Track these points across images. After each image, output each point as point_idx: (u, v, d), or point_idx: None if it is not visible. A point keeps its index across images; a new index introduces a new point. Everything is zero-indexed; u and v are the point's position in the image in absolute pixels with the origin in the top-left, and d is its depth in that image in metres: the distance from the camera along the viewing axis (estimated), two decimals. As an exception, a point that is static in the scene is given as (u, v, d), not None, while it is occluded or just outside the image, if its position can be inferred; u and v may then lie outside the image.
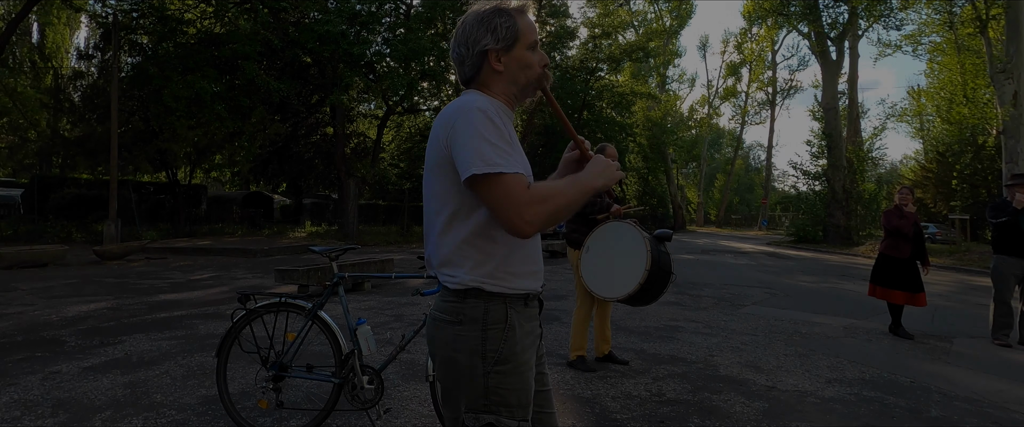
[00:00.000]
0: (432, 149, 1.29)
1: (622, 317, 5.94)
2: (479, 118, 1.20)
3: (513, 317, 1.29)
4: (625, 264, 3.56)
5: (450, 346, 1.28)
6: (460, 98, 1.30)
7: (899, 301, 5.44)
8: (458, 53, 1.34)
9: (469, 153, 1.17)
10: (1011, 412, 3.36)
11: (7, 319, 5.42)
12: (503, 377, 1.26)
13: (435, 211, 1.31)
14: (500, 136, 1.21)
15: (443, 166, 1.26)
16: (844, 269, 12.91)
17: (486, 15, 1.31)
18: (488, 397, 1.25)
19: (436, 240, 1.31)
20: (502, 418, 1.25)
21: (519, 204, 1.16)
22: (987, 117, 18.39)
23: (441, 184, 1.28)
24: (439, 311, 1.32)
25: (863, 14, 21.73)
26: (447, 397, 1.33)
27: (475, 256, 1.26)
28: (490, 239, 1.27)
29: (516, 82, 1.34)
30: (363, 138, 26.49)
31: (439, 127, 1.27)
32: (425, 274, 2.79)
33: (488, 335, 1.26)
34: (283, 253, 14.09)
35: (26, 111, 18.82)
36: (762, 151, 62.78)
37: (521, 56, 1.32)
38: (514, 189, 1.17)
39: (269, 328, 2.78)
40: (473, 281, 1.26)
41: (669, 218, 41.34)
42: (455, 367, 1.28)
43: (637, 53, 26.22)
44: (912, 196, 5.71)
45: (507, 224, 1.18)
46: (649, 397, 3.44)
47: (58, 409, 3.06)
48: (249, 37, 15.45)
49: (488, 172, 1.16)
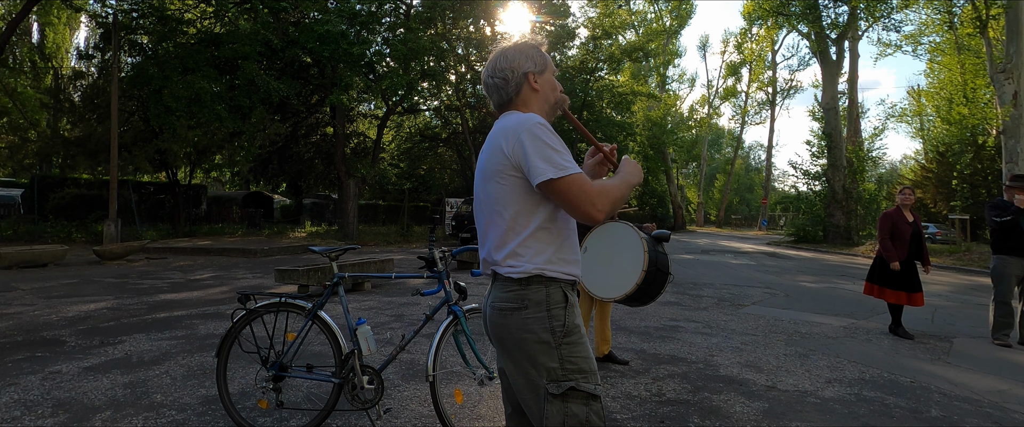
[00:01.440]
0: (492, 158, 1.52)
1: (622, 317, 5.94)
2: (544, 131, 1.45)
3: (570, 296, 1.51)
4: (623, 264, 3.56)
5: (521, 328, 1.47)
6: (514, 115, 1.53)
7: (899, 301, 5.42)
8: (503, 77, 1.59)
9: (541, 161, 1.41)
10: (1011, 412, 3.36)
11: (7, 319, 5.42)
12: (572, 347, 1.46)
13: (497, 212, 1.51)
14: (561, 144, 1.46)
15: (505, 173, 1.48)
16: (844, 269, 12.90)
17: (523, 47, 1.62)
18: (564, 366, 1.44)
19: (499, 237, 1.51)
20: (581, 382, 1.44)
21: (590, 196, 1.42)
22: (987, 117, 18.40)
23: (502, 188, 1.50)
24: (502, 302, 1.50)
25: (863, 14, 21.74)
26: (524, 378, 1.48)
27: (536, 246, 1.48)
28: (547, 232, 1.49)
29: (548, 100, 1.63)
30: (363, 138, 26.49)
31: (501, 139, 1.49)
32: (425, 274, 2.80)
33: (552, 313, 1.46)
34: (283, 253, 14.09)
35: (26, 111, 18.80)
36: (762, 151, 62.87)
37: (550, 79, 1.64)
38: (585, 185, 1.42)
39: (269, 328, 2.78)
40: (536, 268, 1.46)
41: (669, 218, 41.34)
42: (529, 347, 1.46)
43: (637, 53, 26.22)
44: (913, 197, 5.67)
45: (583, 214, 1.43)
46: (649, 397, 3.44)
47: (58, 409, 3.05)
48: (249, 37, 15.44)
49: (563, 175, 1.40)
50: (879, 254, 5.64)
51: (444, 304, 2.73)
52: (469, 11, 20.28)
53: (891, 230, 5.51)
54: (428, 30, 18.95)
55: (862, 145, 24.76)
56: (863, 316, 6.56)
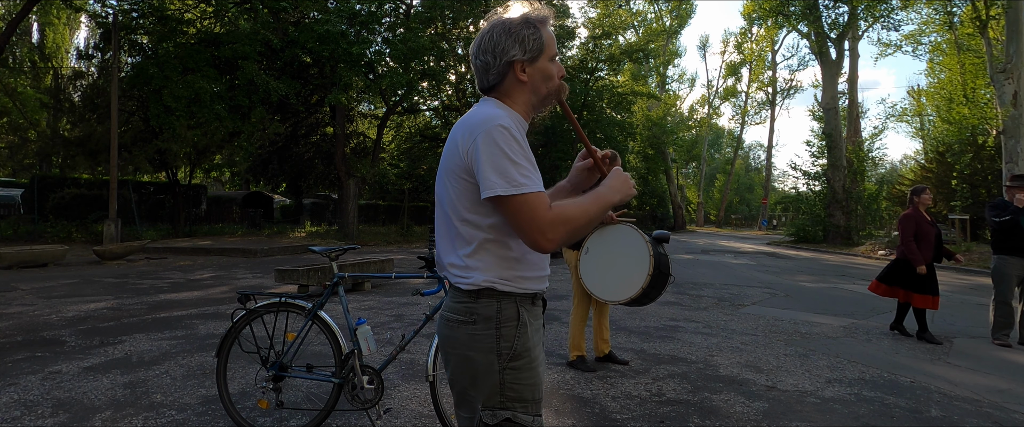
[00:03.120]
0: (451, 155, 1.32)
1: (622, 317, 5.94)
2: (503, 136, 1.23)
3: (524, 314, 1.33)
4: (626, 267, 3.55)
5: (465, 345, 1.31)
6: (483, 109, 1.33)
7: (923, 305, 5.26)
8: (484, 61, 1.36)
9: (493, 172, 1.21)
10: (1011, 412, 3.35)
11: (7, 319, 5.42)
12: (517, 373, 1.30)
13: (449, 214, 1.33)
14: (523, 154, 1.24)
15: (461, 174, 1.29)
16: (844, 269, 12.90)
17: (514, 26, 1.34)
18: (504, 393, 1.29)
19: (450, 242, 1.35)
20: (518, 413, 1.29)
21: (542, 223, 1.20)
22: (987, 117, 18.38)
23: (457, 190, 1.31)
24: (451, 312, 1.35)
25: (863, 14, 21.74)
26: (462, 397, 1.35)
27: (489, 259, 1.30)
28: (504, 245, 1.30)
29: (537, 93, 1.38)
30: (363, 138, 26.48)
31: (460, 136, 1.29)
32: (425, 274, 2.80)
33: (502, 332, 1.30)
34: (283, 253, 14.08)
35: (26, 111, 18.79)
36: (762, 151, 62.84)
37: (544, 67, 1.36)
38: (537, 209, 1.20)
39: (269, 328, 2.78)
40: (486, 281, 1.29)
41: (669, 218, 41.34)
42: (471, 365, 1.31)
43: (637, 53, 26.22)
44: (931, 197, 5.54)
45: (530, 242, 1.22)
46: (649, 397, 3.44)
47: (58, 409, 3.05)
48: (249, 37, 15.44)
49: (513, 193, 1.19)
50: (899, 256, 5.47)
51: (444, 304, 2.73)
52: (469, 11, 20.27)
53: (916, 231, 5.33)
54: (428, 30, 18.94)
55: (862, 145, 24.74)
56: (863, 316, 6.56)
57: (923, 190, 5.49)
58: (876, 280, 5.64)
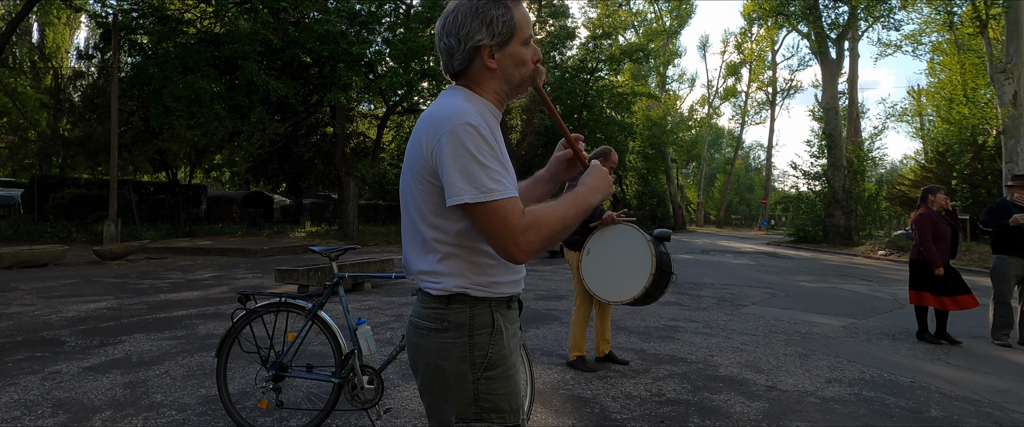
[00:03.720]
0: (415, 154, 1.20)
1: (622, 317, 5.94)
2: (470, 135, 1.10)
3: (499, 320, 1.24)
4: (629, 267, 3.54)
5: (435, 354, 1.21)
6: (448, 101, 1.19)
7: (949, 306, 5.15)
8: (447, 44, 1.22)
9: (459, 177, 1.09)
10: (1011, 412, 3.35)
11: (7, 319, 5.42)
12: (492, 382, 1.21)
13: (415, 217, 1.23)
14: (493, 155, 1.12)
15: (426, 176, 1.18)
16: (844, 269, 12.90)
17: (481, 6, 1.19)
18: (479, 404, 1.20)
19: (418, 246, 1.25)
20: (495, 425, 1.21)
21: (514, 231, 1.10)
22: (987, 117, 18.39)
23: (422, 193, 1.20)
24: (421, 318, 1.24)
25: (863, 14, 21.75)
26: (433, 408, 1.27)
27: (460, 265, 1.20)
28: (475, 250, 1.20)
29: (509, 80, 1.25)
30: (363, 138, 26.49)
31: (424, 133, 1.17)
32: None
33: (476, 340, 1.20)
34: (283, 253, 14.09)
35: (26, 111, 18.80)
36: (762, 151, 62.89)
37: (516, 52, 1.23)
38: (509, 216, 1.10)
39: (269, 328, 2.78)
40: (458, 287, 1.20)
41: (669, 218, 41.34)
42: (442, 375, 1.22)
43: (637, 53, 26.24)
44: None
45: (501, 251, 1.12)
46: (649, 397, 3.44)
47: (58, 409, 3.05)
48: (249, 37, 15.45)
49: (483, 200, 1.08)
50: (915, 258, 5.35)
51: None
52: (469, 11, 20.25)
53: (933, 232, 5.17)
54: (428, 30, 18.94)
55: (862, 145, 24.77)
56: (863, 316, 6.56)
57: (938, 190, 5.37)
58: (911, 290, 5.44)
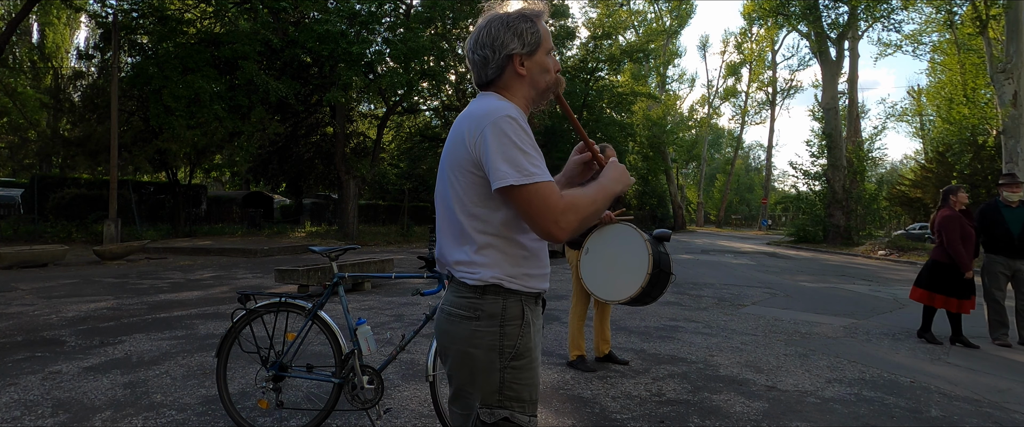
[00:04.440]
0: (455, 149, 1.31)
1: (622, 317, 5.94)
2: (512, 126, 1.23)
3: (528, 313, 1.33)
4: (626, 266, 3.55)
5: (467, 341, 1.30)
6: (486, 102, 1.32)
7: (961, 310, 5.11)
8: (482, 55, 1.36)
9: (504, 163, 1.21)
10: (1011, 412, 3.35)
11: (7, 319, 5.42)
12: (518, 372, 1.30)
13: (455, 209, 1.32)
14: (531, 144, 1.25)
15: (468, 168, 1.29)
16: (844, 269, 12.90)
17: (512, 20, 1.35)
18: (503, 392, 1.29)
19: (455, 238, 1.34)
20: (516, 413, 1.29)
21: (555, 211, 1.21)
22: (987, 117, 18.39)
23: (463, 184, 1.30)
24: (454, 307, 1.33)
25: (863, 15, 21.75)
26: (459, 393, 1.34)
27: (496, 255, 1.29)
28: (510, 241, 1.30)
29: (536, 86, 1.39)
30: (363, 138, 26.48)
31: (465, 129, 1.29)
32: (425, 274, 2.80)
33: (506, 330, 1.29)
34: (283, 253, 14.08)
35: (26, 111, 18.80)
36: (762, 151, 62.88)
37: (541, 60, 1.38)
38: (550, 197, 1.21)
39: (269, 328, 2.78)
40: (494, 278, 1.28)
41: (669, 218, 41.34)
42: (471, 362, 1.30)
43: (637, 53, 26.23)
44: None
45: (543, 231, 1.23)
46: (649, 397, 3.44)
47: (58, 409, 3.05)
48: (249, 37, 15.44)
49: (526, 183, 1.20)
50: (934, 259, 5.26)
51: (444, 304, 2.73)
52: (469, 11, 20.26)
53: (961, 233, 5.04)
54: (428, 30, 18.94)
55: (862, 145, 24.77)
56: (863, 316, 6.56)
57: (958, 189, 5.26)
58: (915, 286, 5.38)
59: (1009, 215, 5.19)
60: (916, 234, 23.78)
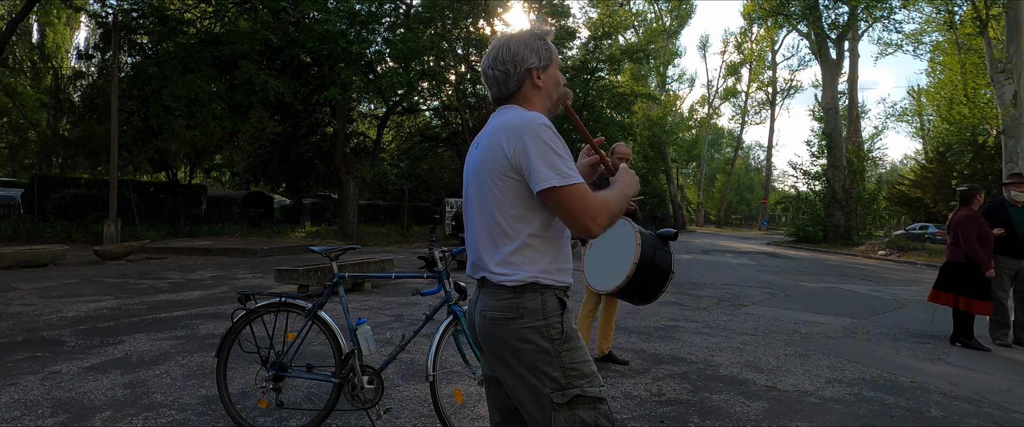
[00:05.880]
0: (490, 156, 1.43)
1: (622, 317, 5.94)
2: (548, 133, 1.37)
3: (566, 302, 1.47)
4: (619, 258, 3.59)
5: (517, 338, 1.40)
6: (515, 113, 1.45)
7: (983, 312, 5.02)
8: (503, 70, 1.50)
9: (544, 167, 1.34)
10: (1011, 412, 3.35)
11: (7, 319, 5.42)
12: (573, 353, 1.42)
13: (491, 215, 1.44)
14: (565, 149, 1.38)
15: (503, 174, 1.41)
16: (844, 269, 12.91)
17: (528, 38, 1.52)
18: (567, 374, 1.40)
19: (492, 241, 1.45)
20: (586, 388, 1.40)
21: (591, 209, 1.35)
22: (987, 117, 18.39)
23: (499, 190, 1.42)
24: (495, 311, 1.43)
25: (863, 15, 21.75)
26: (525, 390, 1.42)
27: (531, 254, 1.42)
28: (543, 240, 1.44)
29: (550, 97, 1.55)
30: (363, 138, 26.49)
31: (502, 137, 1.41)
32: (425, 274, 2.80)
33: (550, 321, 1.41)
34: (283, 253, 14.08)
35: (26, 111, 18.79)
36: (762, 151, 62.88)
37: (554, 74, 1.55)
38: (586, 197, 1.36)
39: (269, 328, 2.78)
40: (531, 276, 1.41)
41: (669, 218, 41.35)
42: (529, 357, 1.40)
43: (637, 53, 26.23)
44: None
45: (581, 228, 1.36)
46: (649, 397, 3.44)
47: (58, 409, 3.05)
48: (248, 37, 15.45)
49: (566, 184, 1.33)
50: (952, 260, 5.15)
51: (444, 304, 2.73)
52: (469, 11, 20.28)
53: (979, 233, 4.97)
54: (428, 30, 18.94)
55: (862, 145, 24.80)
56: (863, 316, 6.56)
57: (978, 190, 5.19)
58: (934, 289, 5.28)
59: (1016, 215, 5.17)
60: (916, 234, 23.78)
